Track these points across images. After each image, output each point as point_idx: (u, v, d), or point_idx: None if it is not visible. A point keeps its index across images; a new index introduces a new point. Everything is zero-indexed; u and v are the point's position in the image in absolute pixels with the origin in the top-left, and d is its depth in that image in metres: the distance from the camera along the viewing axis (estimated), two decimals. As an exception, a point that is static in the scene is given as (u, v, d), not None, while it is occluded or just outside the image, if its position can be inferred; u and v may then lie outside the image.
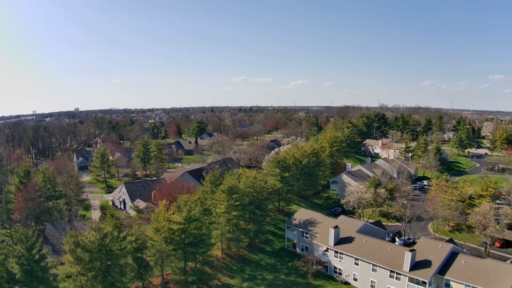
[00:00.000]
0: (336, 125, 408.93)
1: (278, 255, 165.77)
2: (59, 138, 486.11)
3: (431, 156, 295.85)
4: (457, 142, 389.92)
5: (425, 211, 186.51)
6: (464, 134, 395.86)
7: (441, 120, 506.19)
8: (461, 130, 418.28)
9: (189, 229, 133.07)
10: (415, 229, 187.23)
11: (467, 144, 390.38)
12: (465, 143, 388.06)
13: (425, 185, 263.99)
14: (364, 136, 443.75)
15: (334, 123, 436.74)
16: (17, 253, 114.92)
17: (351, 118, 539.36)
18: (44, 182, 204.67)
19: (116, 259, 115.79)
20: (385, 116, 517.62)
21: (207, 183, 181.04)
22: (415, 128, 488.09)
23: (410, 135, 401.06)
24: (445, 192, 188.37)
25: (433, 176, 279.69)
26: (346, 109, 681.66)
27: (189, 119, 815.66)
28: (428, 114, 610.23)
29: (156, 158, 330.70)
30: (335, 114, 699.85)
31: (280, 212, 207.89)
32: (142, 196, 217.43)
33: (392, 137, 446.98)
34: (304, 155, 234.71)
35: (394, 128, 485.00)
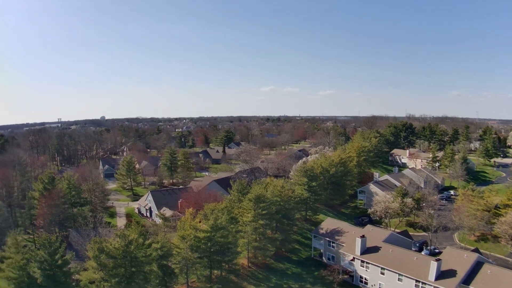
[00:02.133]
0: (364, 135, 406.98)
1: (304, 264, 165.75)
2: (84, 145, 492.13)
3: (457, 165, 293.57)
4: (483, 151, 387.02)
5: (451, 221, 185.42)
6: (490, 143, 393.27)
7: (467, 129, 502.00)
8: (487, 139, 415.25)
9: (215, 237, 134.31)
10: (441, 239, 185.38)
11: (493, 154, 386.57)
12: (491, 152, 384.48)
13: (451, 195, 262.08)
14: (391, 146, 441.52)
15: (362, 133, 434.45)
16: (40, 258, 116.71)
17: (379, 128, 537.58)
18: (69, 188, 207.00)
19: (140, 266, 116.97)
20: (412, 125, 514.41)
21: (234, 191, 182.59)
22: (442, 138, 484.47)
23: (437, 145, 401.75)
24: (471, 202, 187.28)
25: (459, 185, 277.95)
26: (373, 119, 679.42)
27: (217, 128, 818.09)
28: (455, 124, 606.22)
29: (183, 167, 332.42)
30: (363, 124, 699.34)
31: (307, 221, 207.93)
32: (169, 204, 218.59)
33: (419, 146, 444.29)
34: (332, 164, 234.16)
35: (421, 138, 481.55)
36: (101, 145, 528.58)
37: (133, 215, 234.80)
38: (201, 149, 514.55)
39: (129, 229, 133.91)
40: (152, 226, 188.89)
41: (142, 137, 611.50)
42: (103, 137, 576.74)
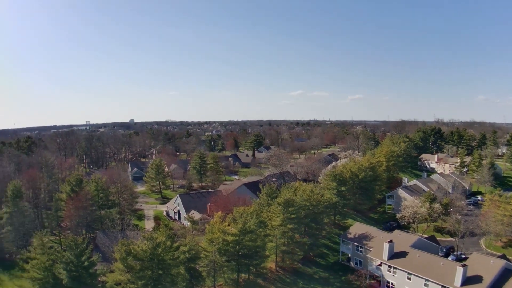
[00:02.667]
0: (393, 139, 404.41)
1: (332, 268, 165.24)
2: (113, 148, 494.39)
3: (485, 171, 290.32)
4: (511, 156, 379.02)
5: (478, 227, 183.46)
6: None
7: (494, 134, 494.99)
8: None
9: (243, 241, 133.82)
10: (467, 245, 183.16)
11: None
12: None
13: (478, 200, 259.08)
14: (420, 150, 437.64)
15: (391, 138, 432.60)
16: (65, 259, 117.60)
17: (408, 132, 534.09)
18: (96, 191, 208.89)
19: (168, 268, 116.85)
20: (440, 130, 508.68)
21: (263, 195, 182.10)
22: (470, 143, 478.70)
23: (465, 150, 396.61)
24: (498, 207, 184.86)
25: (487, 191, 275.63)
26: (402, 124, 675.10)
27: (247, 132, 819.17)
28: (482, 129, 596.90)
29: (213, 170, 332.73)
30: (392, 128, 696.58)
31: (335, 226, 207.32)
32: (197, 208, 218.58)
33: (447, 151, 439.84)
34: (361, 169, 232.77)
35: (449, 142, 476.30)
36: (130, 148, 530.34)
37: (162, 218, 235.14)
38: (231, 152, 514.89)
39: (157, 231, 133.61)
40: (180, 229, 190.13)
41: (172, 140, 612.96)
42: (132, 140, 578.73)
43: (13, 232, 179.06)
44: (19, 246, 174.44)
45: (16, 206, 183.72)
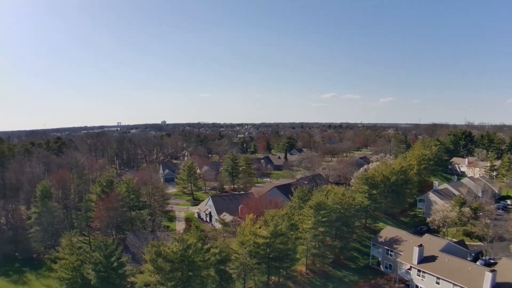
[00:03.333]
0: (424, 143, 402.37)
1: (362, 272, 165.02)
2: (144, 150, 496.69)
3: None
4: None
5: (507, 231, 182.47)
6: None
7: None
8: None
9: (274, 244, 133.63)
10: (496, 249, 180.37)
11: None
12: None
13: (508, 205, 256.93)
14: (451, 154, 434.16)
15: (422, 141, 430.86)
16: (94, 260, 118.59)
17: (439, 136, 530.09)
18: (127, 192, 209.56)
19: (198, 270, 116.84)
20: (471, 134, 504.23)
21: (295, 198, 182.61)
22: (500, 147, 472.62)
23: (495, 154, 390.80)
24: None
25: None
26: (433, 127, 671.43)
27: (279, 134, 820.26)
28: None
29: (245, 173, 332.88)
30: (423, 131, 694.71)
31: (366, 229, 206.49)
32: (229, 210, 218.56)
33: (478, 155, 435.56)
34: (393, 172, 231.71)
35: (479, 146, 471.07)
36: (162, 149, 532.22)
37: (193, 220, 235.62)
38: (263, 155, 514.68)
39: (188, 233, 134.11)
40: (211, 231, 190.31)
41: (204, 142, 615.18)
42: (163, 141, 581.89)
43: (41, 232, 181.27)
44: (47, 246, 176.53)
45: (45, 206, 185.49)
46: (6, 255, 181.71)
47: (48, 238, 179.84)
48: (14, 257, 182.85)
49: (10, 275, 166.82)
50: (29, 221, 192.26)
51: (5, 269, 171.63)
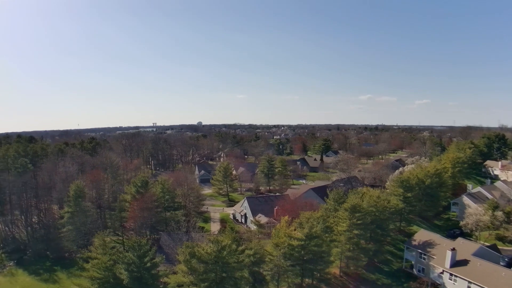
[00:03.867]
0: (459, 145, 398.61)
1: (395, 275, 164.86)
2: (180, 150, 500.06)
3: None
4: None
5: None
6: None
7: None
8: None
9: (309, 246, 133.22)
10: None
11: None
12: None
13: None
14: (484, 157, 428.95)
15: (457, 144, 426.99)
16: (127, 260, 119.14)
17: (473, 138, 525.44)
18: (162, 193, 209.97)
19: (231, 271, 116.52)
20: (504, 136, 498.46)
21: (330, 200, 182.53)
22: None
23: None
24: None
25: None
26: (468, 129, 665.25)
27: (315, 136, 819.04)
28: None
29: (280, 174, 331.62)
30: (458, 134, 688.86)
31: (400, 232, 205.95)
32: (264, 211, 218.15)
33: (511, 158, 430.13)
34: (427, 175, 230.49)
35: None
36: (197, 150, 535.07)
37: (228, 221, 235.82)
38: (299, 156, 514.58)
39: (223, 234, 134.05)
40: (246, 232, 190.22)
41: (240, 143, 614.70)
42: (199, 142, 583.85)
43: (74, 231, 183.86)
44: (79, 245, 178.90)
45: (78, 206, 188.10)
46: (37, 254, 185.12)
47: (80, 238, 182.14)
48: (46, 255, 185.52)
49: (41, 273, 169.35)
50: (61, 221, 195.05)
51: (36, 268, 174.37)
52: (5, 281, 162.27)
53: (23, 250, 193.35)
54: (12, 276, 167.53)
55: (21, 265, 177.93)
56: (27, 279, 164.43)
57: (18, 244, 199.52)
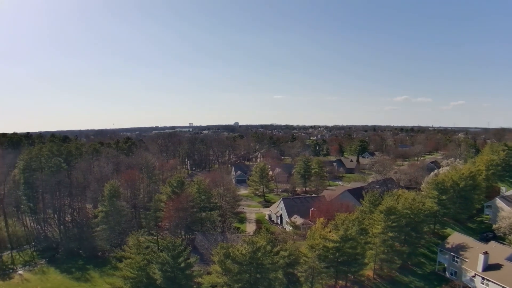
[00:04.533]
0: (492, 147, 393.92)
1: (428, 278, 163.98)
2: (216, 151, 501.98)
3: None
4: None
5: None
6: None
7: None
8: None
9: (344, 248, 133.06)
10: None
11: None
12: None
13: None
14: None
15: (491, 146, 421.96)
16: (161, 260, 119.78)
17: (507, 140, 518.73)
18: (198, 193, 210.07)
19: (266, 272, 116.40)
20: None
21: (366, 202, 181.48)
22: None
23: None
24: None
25: None
26: (502, 131, 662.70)
27: (351, 137, 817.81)
28: None
29: (317, 175, 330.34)
30: (492, 136, 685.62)
31: (434, 235, 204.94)
32: (300, 212, 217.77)
33: None
34: (462, 178, 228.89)
35: None
36: (234, 150, 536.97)
37: (263, 222, 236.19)
38: (335, 158, 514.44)
39: (258, 235, 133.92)
40: (281, 233, 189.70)
41: (276, 144, 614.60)
42: (236, 143, 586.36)
43: (107, 230, 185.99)
44: (113, 245, 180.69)
45: (112, 205, 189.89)
46: (70, 252, 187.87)
47: (114, 237, 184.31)
48: (78, 254, 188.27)
49: (73, 272, 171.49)
50: (95, 220, 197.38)
51: (68, 266, 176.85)
52: (36, 279, 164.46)
53: (55, 248, 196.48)
54: (43, 274, 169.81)
55: (53, 263, 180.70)
56: (58, 277, 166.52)
57: (50, 243, 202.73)
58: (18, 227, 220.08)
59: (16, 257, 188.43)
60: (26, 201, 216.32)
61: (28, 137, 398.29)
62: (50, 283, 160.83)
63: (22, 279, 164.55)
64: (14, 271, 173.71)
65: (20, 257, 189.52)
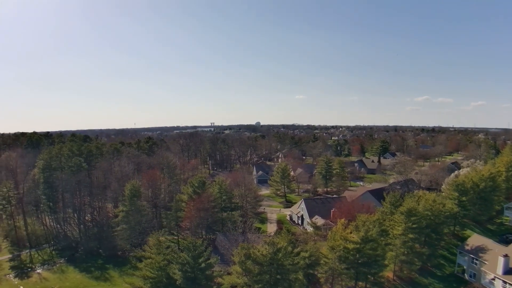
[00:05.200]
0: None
1: (447, 280, 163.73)
2: (238, 151, 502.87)
3: None
4: None
5: None
6: None
7: None
8: None
9: (364, 249, 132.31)
10: None
11: None
12: None
13: None
14: None
15: (511, 147, 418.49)
16: (182, 260, 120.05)
17: None
18: (219, 193, 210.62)
19: (286, 273, 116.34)
20: None
21: (387, 203, 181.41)
22: None
23: None
24: None
25: None
26: None
27: (373, 137, 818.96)
28: None
29: (338, 176, 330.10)
30: None
31: (454, 237, 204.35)
32: (321, 213, 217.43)
33: None
34: (482, 179, 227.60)
35: None
36: (256, 150, 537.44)
37: (284, 222, 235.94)
38: (357, 158, 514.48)
39: (279, 236, 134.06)
40: (302, 234, 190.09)
41: (298, 144, 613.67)
42: (257, 143, 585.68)
43: (128, 230, 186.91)
44: (133, 244, 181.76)
45: (133, 205, 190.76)
46: (89, 252, 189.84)
47: (135, 237, 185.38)
48: (98, 253, 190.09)
49: (92, 271, 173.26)
50: (115, 219, 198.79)
51: (87, 265, 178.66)
52: (55, 278, 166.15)
53: (74, 247, 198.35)
54: (62, 273, 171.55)
55: (72, 262, 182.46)
56: (77, 276, 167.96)
57: (69, 242, 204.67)
58: (37, 226, 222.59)
59: (34, 256, 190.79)
60: (45, 200, 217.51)
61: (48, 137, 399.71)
62: (69, 282, 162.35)
63: (40, 278, 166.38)
64: (33, 270, 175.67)
65: (39, 256, 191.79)
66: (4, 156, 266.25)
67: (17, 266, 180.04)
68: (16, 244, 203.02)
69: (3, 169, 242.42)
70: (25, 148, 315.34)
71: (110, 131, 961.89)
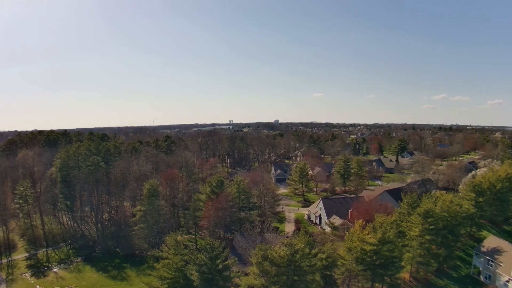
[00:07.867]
0: None
1: (462, 281, 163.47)
2: (257, 149, 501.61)
3: None
4: None
5: None
6: None
7: None
8: None
9: (381, 251, 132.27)
10: None
11: None
12: None
13: None
14: None
15: None
16: (199, 261, 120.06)
17: None
18: (238, 193, 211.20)
19: (303, 275, 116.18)
20: None
21: (404, 204, 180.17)
22: None
23: None
24: None
25: None
26: None
27: (391, 136, 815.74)
28: None
29: (356, 175, 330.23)
30: None
31: (470, 238, 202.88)
32: (339, 213, 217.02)
33: None
34: (498, 179, 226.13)
35: None
36: (274, 149, 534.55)
37: (302, 222, 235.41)
38: (375, 157, 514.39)
39: (296, 237, 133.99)
40: (320, 234, 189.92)
41: (316, 142, 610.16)
42: (276, 141, 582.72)
43: (146, 229, 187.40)
44: (151, 244, 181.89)
45: (151, 204, 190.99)
46: (106, 251, 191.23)
47: (152, 236, 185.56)
48: (115, 253, 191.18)
49: (109, 270, 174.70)
50: (133, 218, 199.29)
51: (104, 264, 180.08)
52: (71, 277, 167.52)
53: (91, 246, 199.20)
54: (78, 272, 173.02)
55: (89, 261, 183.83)
56: (94, 276, 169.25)
57: (87, 241, 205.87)
58: (54, 225, 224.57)
59: (51, 255, 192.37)
60: (63, 199, 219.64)
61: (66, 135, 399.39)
62: (85, 281, 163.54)
63: (57, 277, 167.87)
64: (49, 269, 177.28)
65: (56, 254, 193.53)
66: (21, 155, 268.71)
67: (34, 265, 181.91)
68: (32, 243, 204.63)
69: (20, 168, 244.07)
70: (43, 147, 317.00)
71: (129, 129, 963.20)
